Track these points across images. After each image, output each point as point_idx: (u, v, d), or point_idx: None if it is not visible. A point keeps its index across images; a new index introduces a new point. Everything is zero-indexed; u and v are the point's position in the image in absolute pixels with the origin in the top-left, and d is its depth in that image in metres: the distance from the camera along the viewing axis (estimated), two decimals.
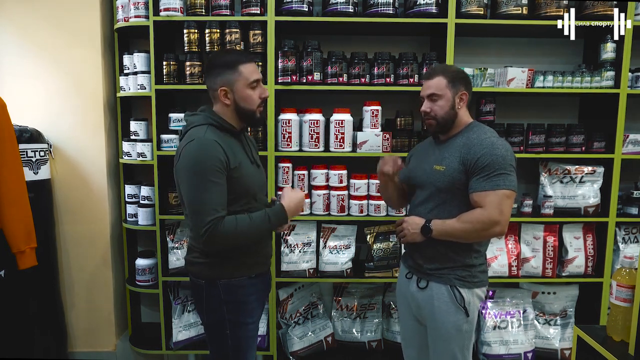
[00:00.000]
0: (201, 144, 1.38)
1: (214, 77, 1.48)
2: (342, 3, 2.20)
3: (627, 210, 2.45)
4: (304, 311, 2.59)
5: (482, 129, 1.57)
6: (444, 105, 1.56)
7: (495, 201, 1.44)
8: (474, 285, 1.57)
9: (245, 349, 1.54)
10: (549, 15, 2.24)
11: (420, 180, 1.65)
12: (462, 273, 1.55)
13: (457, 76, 1.58)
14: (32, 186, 2.20)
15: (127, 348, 2.62)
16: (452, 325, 1.55)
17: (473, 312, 1.57)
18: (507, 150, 1.49)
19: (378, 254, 2.41)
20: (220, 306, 1.50)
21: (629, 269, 1.26)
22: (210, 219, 1.35)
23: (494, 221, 1.45)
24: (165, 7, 2.23)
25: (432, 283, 1.59)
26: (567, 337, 2.51)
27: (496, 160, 1.45)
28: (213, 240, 1.38)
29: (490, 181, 1.45)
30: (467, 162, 1.49)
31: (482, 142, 1.50)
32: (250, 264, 1.53)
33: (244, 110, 1.49)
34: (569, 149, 2.37)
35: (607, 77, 2.28)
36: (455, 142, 1.58)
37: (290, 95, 2.57)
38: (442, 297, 1.56)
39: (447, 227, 1.51)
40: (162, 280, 2.42)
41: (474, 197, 1.48)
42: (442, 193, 1.56)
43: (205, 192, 1.36)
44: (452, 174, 1.52)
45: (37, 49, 2.42)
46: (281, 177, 2.36)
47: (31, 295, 2.30)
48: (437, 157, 1.60)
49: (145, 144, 2.37)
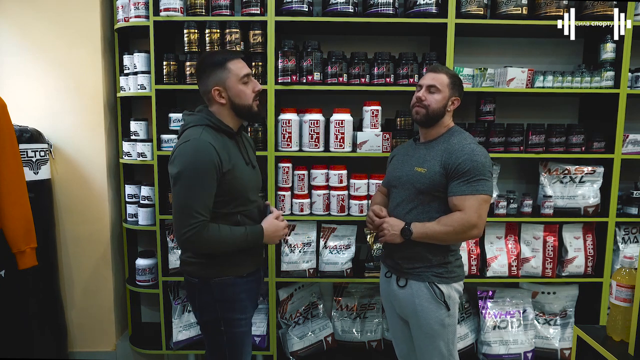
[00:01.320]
0: (195, 146, 1.40)
1: (205, 79, 1.50)
2: (342, 3, 2.21)
3: (627, 210, 2.45)
4: (304, 311, 2.59)
5: (462, 135, 1.63)
6: (439, 100, 1.61)
7: (474, 205, 1.51)
8: (452, 280, 1.61)
9: (240, 344, 1.57)
10: (549, 15, 2.24)
11: (400, 181, 1.67)
12: (438, 270, 1.60)
13: (457, 81, 1.65)
14: (32, 186, 2.20)
15: (127, 348, 2.62)
16: (435, 321, 1.59)
17: (453, 306, 1.62)
18: (486, 158, 1.56)
19: (378, 254, 2.38)
20: (213, 304, 1.53)
21: (628, 269, 1.27)
22: (193, 222, 1.38)
23: (472, 224, 1.51)
24: (166, 7, 2.23)
25: (411, 281, 1.63)
26: (567, 337, 2.51)
27: (476, 167, 1.51)
28: (191, 244, 1.42)
29: (469, 186, 1.51)
30: (448, 166, 1.55)
31: (463, 147, 1.55)
32: (239, 264, 1.55)
33: (240, 107, 1.50)
34: (568, 149, 2.37)
35: (607, 77, 2.28)
36: (437, 146, 1.62)
37: (290, 95, 2.57)
38: (422, 295, 1.60)
39: (428, 230, 1.55)
40: (162, 280, 2.42)
41: (454, 200, 1.53)
42: (422, 195, 1.60)
43: (193, 195, 1.39)
44: (432, 176, 1.57)
45: (37, 49, 2.43)
46: (281, 177, 2.36)
47: (31, 295, 2.30)
48: (418, 159, 1.65)
49: (145, 144, 2.37)
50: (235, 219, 1.50)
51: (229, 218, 1.49)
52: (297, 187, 2.37)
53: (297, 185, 2.37)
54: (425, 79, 1.65)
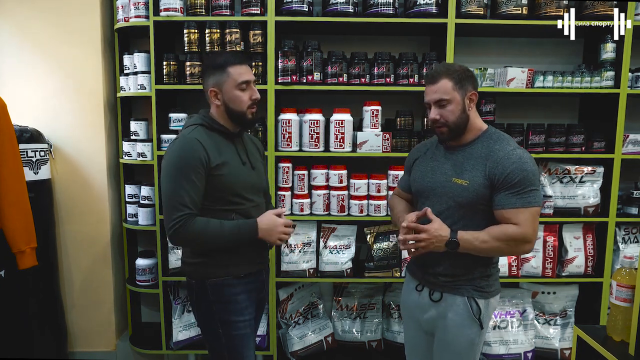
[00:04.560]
0: (182, 142, 1.45)
1: (206, 78, 1.54)
2: (342, 3, 2.21)
3: (627, 210, 2.45)
4: (304, 311, 2.59)
5: (503, 139, 1.46)
6: (454, 109, 1.42)
7: (529, 219, 1.37)
8: (490, 295, 1.49)
9: (240, 346, 1.55)
10: (549, 15, 2.24)
11: (435, 192, 1.50)
12: (480, 283, 1.47)
13: (463, 76, 1.43)
14: (32, 186, 2.20)
15: (127, 348, 2.62)
16: (465, 339, 1.47)
17: (487, 324, 1.50)
18: (534, 164, 1.42)
19: (378, 254, 2.41)
20: (209, 305, 1.53)
21: (629, 269, 1.27)
22: (179, 215, 1.40)
23: (528, 239, 1.39)
24: (166, 7, 2.23)
25: (446, 295, 1.49)
26: (567, 337, 2.51)
27: (527, 177, 1.37)
28: (178, 237, 1.43)
29: (521, 198, 1.37)
30: (494, 177, 1.39)
31: (509, 156, 1.39)
32: (235, 264, 1.54)
33: (234, 112, 1.52)
34: (569, 149, 2.37)
35: (607, 77, 2.28)
36: (474, 152, 1.45)
37: (290, 95, 2.57)
38: (457, 310, 1.47)
39: (477, 244, 1.38)
40: (162, 280, 2.42)
41: (505, 213, 1.39)
42: (463, 208, 1.44)
43: (179, 189, 1.41)
44: (476, 189, 1.41)
45: (37, 49, 2.43)
46: (281, 177, 2.36)
47: (31, 295, 2.30)
48: (454, 168, 1.47)
49: (145, 144, 2.37)
50: (230, 217, 1.50)
51: (225, 216, 1.49)
52: (297, 187, 2.37)
53: (297, 185, 2.37)
54: (428, 94, 1.46)
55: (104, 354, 2.62)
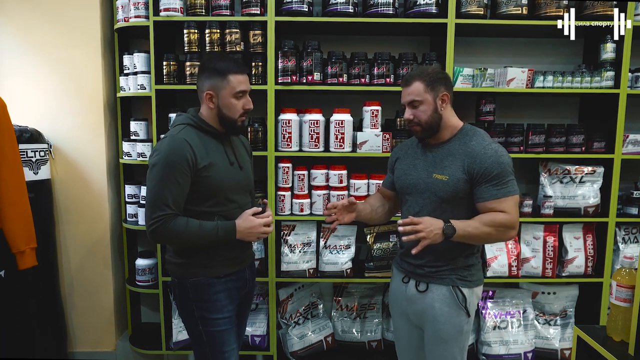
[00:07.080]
0: (170, 142, 1.46)
1: (203, 79, 1.54)
2: (342, 3, 2.21)
3: (627, 211, 2.45)
4: (304, 311, 2.59)
5: (479, 135, 1.55)
6: (426, 109, 1.52)
7: (512, 207, 1.48)
8: (474, 284, 1.57)
9: (220, 342, 1.57)
10: (549, 15, 2.24)
11: (417, 189, 1.59)
12: (463, 273, 1.55)
13: (435, 78, 1.53)
14: (32, 186, 2.20)
15: (127, 348, 2.62)
16: (453, 327, 1.54)
17: (472, 312, 1.58)
18: (509, 157, 1.51)
19: (378, 254, 2.41)
20: (189, 304, 1.56)
21: (629, 269, 1.27)
22: (160, 214, 1.42)
23: (514, 225, 1.49)
24: (165, 7, 2.23)
25: (432, 285, 1.57)
26: (567, 337, 2.51)
27: (505, 169, 1.47)
28: (156, 234, 1.44)
29: (501, 189, 1.47)
30: (472, 171, 1.48)
31: (485, 150, 1.48)
32: (215, 266, 1.56)
33: (225, 118, 1.54)
34: (569, 149, 2.37)
35: (607, 77, 2.28)
36: (452, 149, 1.54)
37: (290, 96, 2.57)
38: (443, 299, 1.54)
39: (470, 229, 1.45)
40: (162, 280, 2.42)
41: (488, 204, 1.47)
42: (444, 203, 1.53)
43: (162, 188, 1.43)
44: (456, 184, 1.50)
45: (37, 49, 2.43)
46: (281, 177, 2.36)
47: (31, 295, 2.30)
48: (433, 164, 1.56)
49: (145, 144, 2.37)
50: (212, 219, 1.51)
51: (207, 217, 1.50)
52: (297, 187, 2.37)
53: (297, 185, 2.37)
54: (403, 96, 1.57)
55: (104, 354, 2.62)
